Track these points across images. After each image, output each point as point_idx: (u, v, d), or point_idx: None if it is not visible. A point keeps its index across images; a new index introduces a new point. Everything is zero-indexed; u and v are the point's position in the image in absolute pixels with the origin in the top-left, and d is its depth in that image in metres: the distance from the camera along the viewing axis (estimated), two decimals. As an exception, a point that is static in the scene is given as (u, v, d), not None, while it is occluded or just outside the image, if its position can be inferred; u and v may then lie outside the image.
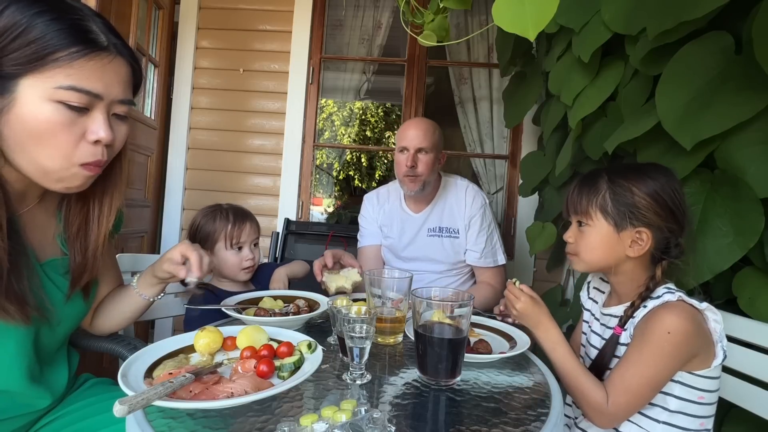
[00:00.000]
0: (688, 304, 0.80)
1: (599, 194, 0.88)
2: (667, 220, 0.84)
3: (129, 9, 2.11)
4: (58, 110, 0.64)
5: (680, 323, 0.77)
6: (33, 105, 0.63)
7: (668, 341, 0.76)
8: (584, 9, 1.29)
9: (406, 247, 1.60)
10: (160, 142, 2.59)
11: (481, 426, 0.63)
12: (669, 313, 0.78)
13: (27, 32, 0.61)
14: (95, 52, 0.65)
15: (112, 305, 0.97)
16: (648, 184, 0.85)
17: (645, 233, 0.84)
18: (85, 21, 0.66)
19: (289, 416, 0.62)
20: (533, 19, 0.60)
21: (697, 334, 0.78)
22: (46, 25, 0.62)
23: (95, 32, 0.66)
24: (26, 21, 0.61)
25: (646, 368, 0.78)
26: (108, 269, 0.97)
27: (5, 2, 0.61)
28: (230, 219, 1.30)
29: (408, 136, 1.48)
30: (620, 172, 0.88)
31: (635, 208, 0.84)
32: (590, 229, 0.90)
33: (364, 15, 2.69)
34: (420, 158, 1.47)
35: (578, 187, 0.92)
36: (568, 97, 1.38)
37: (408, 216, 1.61)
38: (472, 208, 1.55)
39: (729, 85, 0.93)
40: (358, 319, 0.74)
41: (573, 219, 0.94)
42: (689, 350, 0.78)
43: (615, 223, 0.86)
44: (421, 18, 1.43)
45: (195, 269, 0.86)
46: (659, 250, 0.86)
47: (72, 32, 0.63)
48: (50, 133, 0.64)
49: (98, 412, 0.83)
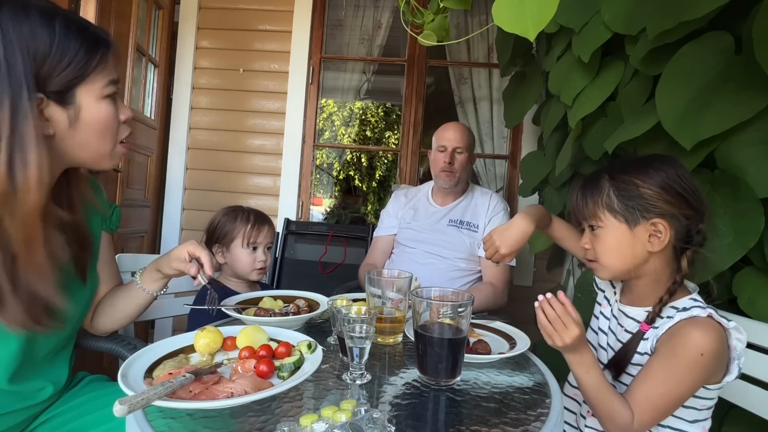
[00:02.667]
0: (717, 321, 0.76)
1: (603, 193, 0.84)
2: (680, 207, 0.79)
3: (129, 9, 2.11)
4: (109, 104, 0.75)
5: (712, 345, 0.73)
6: (94, 107, 0.73)
7: (699, 362, 0.73)
8: (584, 9, 1.29)
9: (425, 231, 1.69)
10: (160, 142, 2.59)
11: (481, 426, 0.63)
12: (699, 331, 0.74)
13: (66, 51, 0.68)
14: (109, 47, 0.75)
15: (113, 303, 0.97)
16: (651, 174, 0.81)
17: (661, 224, 0.79)
18: (92, 25, 0.74)
19: (289, 416, 0.62)
20: (533, 19, 0.60)
21: (722, 352, 0.75)
22: (78, 41, 0.69)
23: (99, 30, 0.75)
24: (60, 42, 0.67)
25: (674, 388, 0.74)
26: (106, 268, 0.97)
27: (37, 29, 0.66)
28: (250, 220, 1.36)
29: (447, 137, 1.68)
30: (621, 168, 0.85)
31: (643, 200, 0.81)
32: (603, 231, 0.85)
33: (364, 15, 2.69)
34: (456, 157, 1.66)
35: (580, 191, 0.89)
36: (568, 97, 1.38)
37: (433, 207, 1.76)
38: (495, 210, 1.70)
39: (729, 85, 0.93)
40: (358, 319, 0.74)
41: (584, 225, 0.90)
42: (715, 368, 0.76)
43: (626, 219, 0.82)
44: (421, 18, 1.43)
45: (207, 269, 0.90)
46: (681, 240, 0.81)
47: (94, 37, 0.72)
48: (109, 124, 0.75)
49: (96, 409, 0.84)
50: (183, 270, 0.91)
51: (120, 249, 2.17)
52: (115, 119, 0.76)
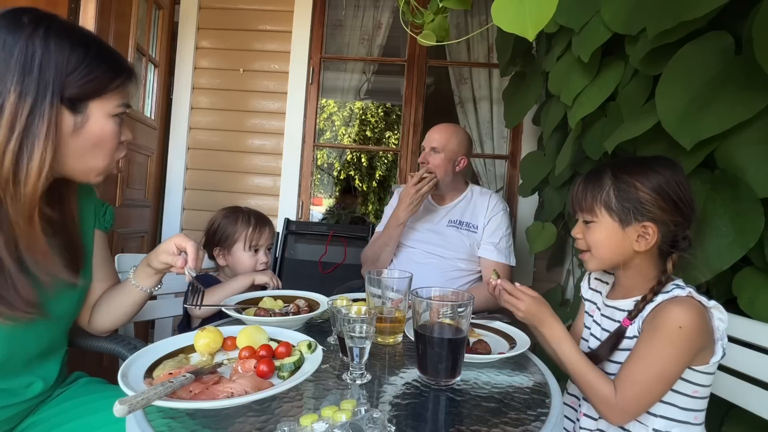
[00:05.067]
0: (697, 300, 0.80)
1: (603, 191, 0.88)
2: (672, 214, 0.84)
3: (129, 9, 2.10)
4: (116, 123, 0.80)
5: (691, 317, 0.77)
6: (102, 121, 0.78)
7: (679, 336, 0.76)
8: (584, 9, 1.29)
9: (425, 231, 1.68)
10: (160, 142, 2.59)
11: (481, 426, 0.63)
12: (679, 307, 0.78)
13: (94, 69, 0.75)
14: (132, 74, 0.82)
15: (110, 301, 0.97)
16: (652, 178, 0.84)
17: (651, 227, 0.84)
18: (123, 58, 0.83)
19: (289, 416, 0.62)
20: (532, 18, 0.60)
21: (704, 329, 0.78)
22: (106, 63, 0.77)
23: (124, 59, 0.83)
24: (92, 61, 0.75)
25: (654, 362, 0.78)
26: (103, 266, 0.97)
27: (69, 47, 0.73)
28: (251, 222, 1.35)
29: (428, 137, 1.68)
30: (624, 167, 0.88)
31: (639, 203, 0.84)
32: (596, 226, 0.90)
33: (364, 15, 2.69)
34: (432, 155, 1.63)
35: (582, 183, 0.92)
36: (568, 97, 1.38)
37: (433, 206, 1.74)
38: (494, 210, 1.67)
39: (729, 85, 0.93)
40: (358, 319, 0.74)
41: (579, 216, 0.94)
42: (698, 345, 0.78)
43: (620, 219, 0.86)
44: (421, 18, 1.43)
45: (191, 260, 0.88)
46: (667, 244, 0.85)
47: (117, 62, 0.80)
48: (109, 140, 0.80)
49: (93, 411, 0.83)
50: (170, 263, 0.89)
51: (120, 249, 2.17)
52: (116, 137, 0.81)
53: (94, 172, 0.82)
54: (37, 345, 0.82)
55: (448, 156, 1.63)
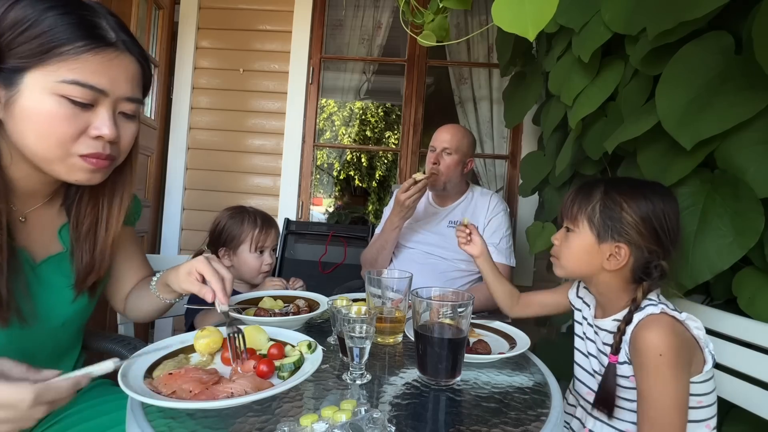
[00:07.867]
0: (670, 316, 0.80)
1: (590, 204, 0.89)
2: (649, 241, 0.83)
3: (129, 9, 2.11)
4: (61, 104, 0.64)
5: (666, 340, 0.77)
6: (36, 98, 0.63)
7: (663, 362, 0.76)
8: (584, 9, 1.29)
9: (425, 231, 1.68)
10: (160, 142, 2.59)
11: (481, 426, 0.63)
12: (651, 334, 0.78)
13: (35, 26, 0.61)
14: (101, 47, 0.65)
15: (137, 299, 0.97)
16: (640, 202, 0.84)
17: (624, 249, 0.84)
18: (94, 17, 0.66)
19: (289, 416, 0.62)
20: (533, 18, 0.60)
21: (684, 345, 0.78)
22: (55, 20, 0.62)
23: (103, 28, 0.67)
24: (35, 15, 0.61)
25: (658, 396, 0.77)
26: (132, 260, 0.98)
27: None
28: (258, 223, 1.33)
29: (438, 137, 1.64)
30: (617, 186, 0.88)
31: (620, 223, 0.85)
32: (574, 236, 0.90)
33: (364, 15, 2.69)
34: (444, 157, 1.60)
35: (574, 193, 0.93)
36: (568, 97, 1.38)
37: (433, 208, 1.75)
38: (494, 211, 1.68)
39: (729, 85, 0.92)
40: (358, 319, 0.74)
41: (564, 223, 0.95)
42: (685, 359, 0.78)
43: (598, 234, 0.87)
44: (421, 18, 1.43)
45: (220, 296, 0.78)
46: (639, 270, 0.85)
47: (79, 27, 0.63)
48: (49, 125, 0.64)
49: (101, 414, 0.82)
50: (195, 293, 0.81)
51: (120, 249, 2.17)
52: (63, 124, 0.64)
53: (50, 162, 0.67)
54: (43, 349, 0.79)
55: (460, 158, 1.64)
